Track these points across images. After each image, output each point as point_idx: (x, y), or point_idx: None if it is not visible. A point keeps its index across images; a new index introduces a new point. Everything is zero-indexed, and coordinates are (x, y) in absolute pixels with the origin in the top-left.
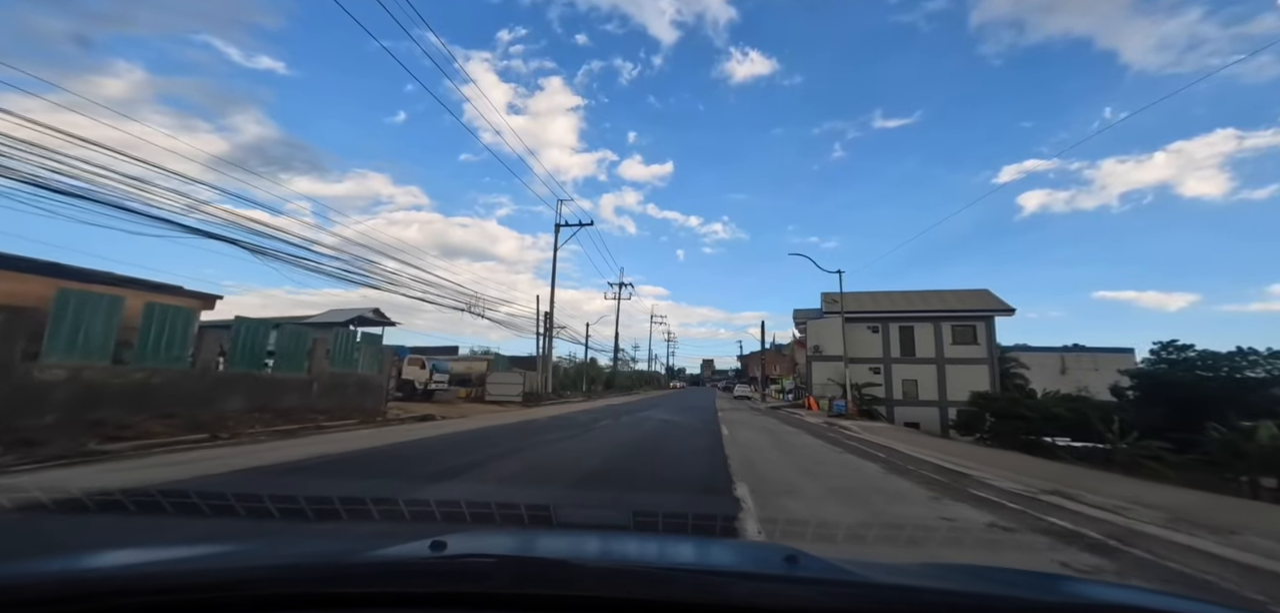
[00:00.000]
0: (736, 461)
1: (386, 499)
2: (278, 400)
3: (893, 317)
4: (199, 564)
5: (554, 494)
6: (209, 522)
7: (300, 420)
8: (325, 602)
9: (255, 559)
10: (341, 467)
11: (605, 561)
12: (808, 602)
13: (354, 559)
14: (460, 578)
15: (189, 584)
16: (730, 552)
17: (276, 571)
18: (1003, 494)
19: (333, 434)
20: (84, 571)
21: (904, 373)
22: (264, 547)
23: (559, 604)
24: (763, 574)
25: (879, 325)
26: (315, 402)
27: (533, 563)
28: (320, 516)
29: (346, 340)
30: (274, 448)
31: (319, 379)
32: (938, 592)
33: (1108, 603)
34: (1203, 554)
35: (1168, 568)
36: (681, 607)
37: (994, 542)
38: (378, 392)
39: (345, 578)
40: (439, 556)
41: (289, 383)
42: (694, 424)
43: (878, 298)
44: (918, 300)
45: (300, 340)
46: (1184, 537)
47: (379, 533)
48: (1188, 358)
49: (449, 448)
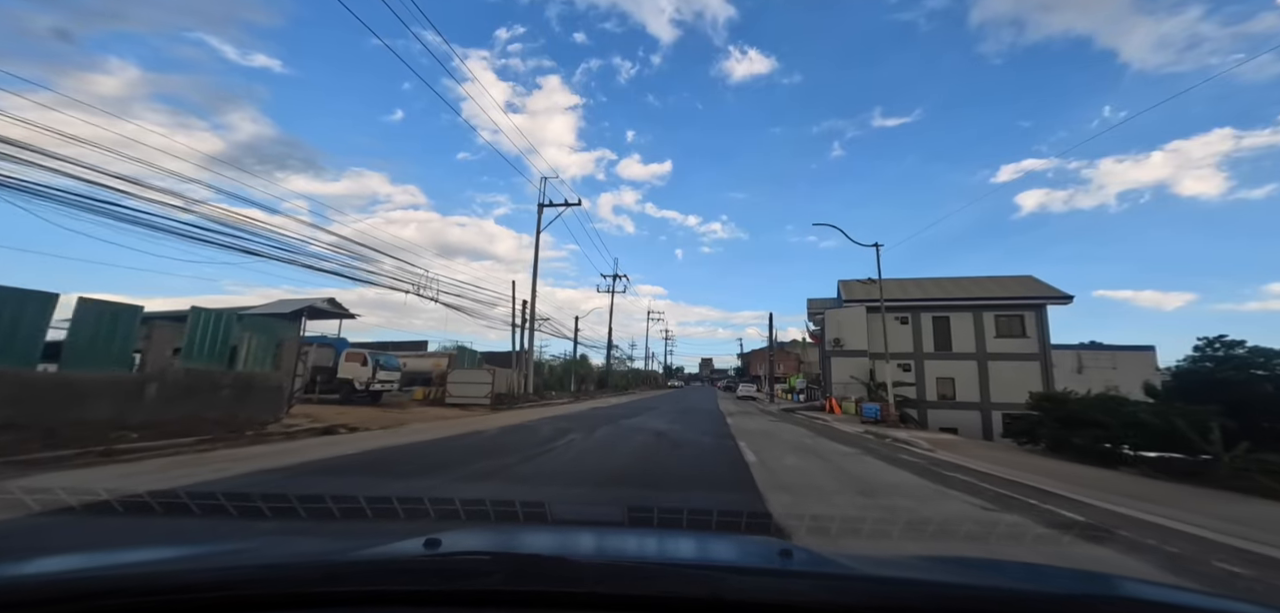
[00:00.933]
0: (803, 528)
1: None
2: (72, 412)
3: (925, 305)
4: (190, 564)
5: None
6: None
7: (103, 442)
8: (320, 601)
9: (247, 559)
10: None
11: (600, 556)
12: (802, 595)
13: (348, 558)
14: (455, 576)
15: (180, 584)
16: (725, 546)
17: (269, 570)
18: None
19: (96, 468)
20: (73, 571)
21: (939, 370)
22: (256, 546)
23: (555, 601)
24: (757, 568)
25: (909, 316)
26: (152, 413)
27: (528, 559)
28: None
29: (214, 325)
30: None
31: (159, 380)
32: (930, 583)
33: (1102, 596)
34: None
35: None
36: (677, 601)
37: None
38: (270, 396)
39: (339, 577)
40: (434, 553)
41: (96, 387)
42: (699, 441)
43: (907, 285)
44: (953, 288)
45: (120, 324)
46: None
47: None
48: (1237, 356)
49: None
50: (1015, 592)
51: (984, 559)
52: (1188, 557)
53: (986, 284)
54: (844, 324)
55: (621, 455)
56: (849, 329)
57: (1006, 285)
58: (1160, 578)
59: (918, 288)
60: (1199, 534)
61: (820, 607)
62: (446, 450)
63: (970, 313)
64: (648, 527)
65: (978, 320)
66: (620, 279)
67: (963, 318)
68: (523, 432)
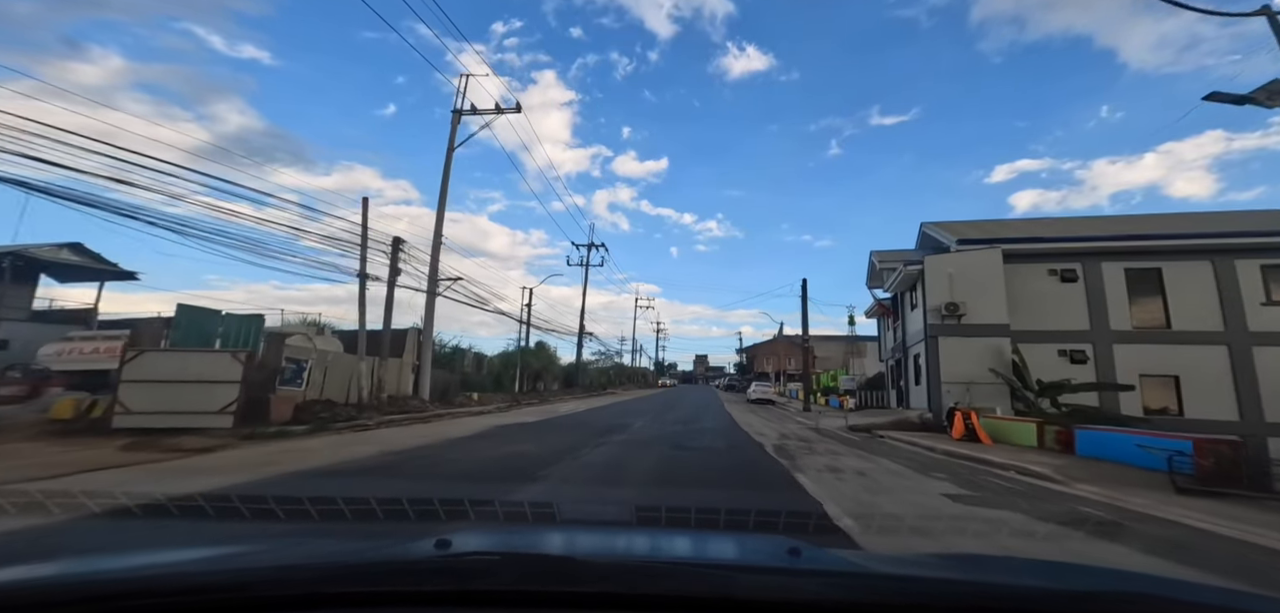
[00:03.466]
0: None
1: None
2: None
3: (1111, 249)
4: (201, 565)
5: None
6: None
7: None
8: (330, 601)
9: (259, 560)
10: None
11: (610, 556)
12: (810, 593)
13: (359, 559)
14: (467, 576)
15: (192, 586)
16: (734, 545)
17: (280, 571)
18: None
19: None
20: (84, 574)
21: (1143, 359)
22: (267, 547)
23: (565, 601)
24: (766, 567)
25: (1078, 268)
26: None
27: (538, 560)
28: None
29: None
30: None
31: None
32: (938, 581)
33: (1116, 592)
34: None
35: None
36: (686, 600)
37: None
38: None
39: (350, 577)
40: (445, 554)
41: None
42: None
43: (1070, 225)
44: (1160, 224)
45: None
46: None
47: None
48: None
49: None
50: (1027, 589)
51: (997, 556)
52: None
53: (1233, 219)
54: (963, 279)
55: None
56: (972, 288)
57: (1268, 219)
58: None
59: (1087, 228)
60: None
61: (830, 605)
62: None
63: (1207, 262)
64: (655, 526)
65: (1224, 275)
66: (598, 250)
67: (1192, 270)
68: None
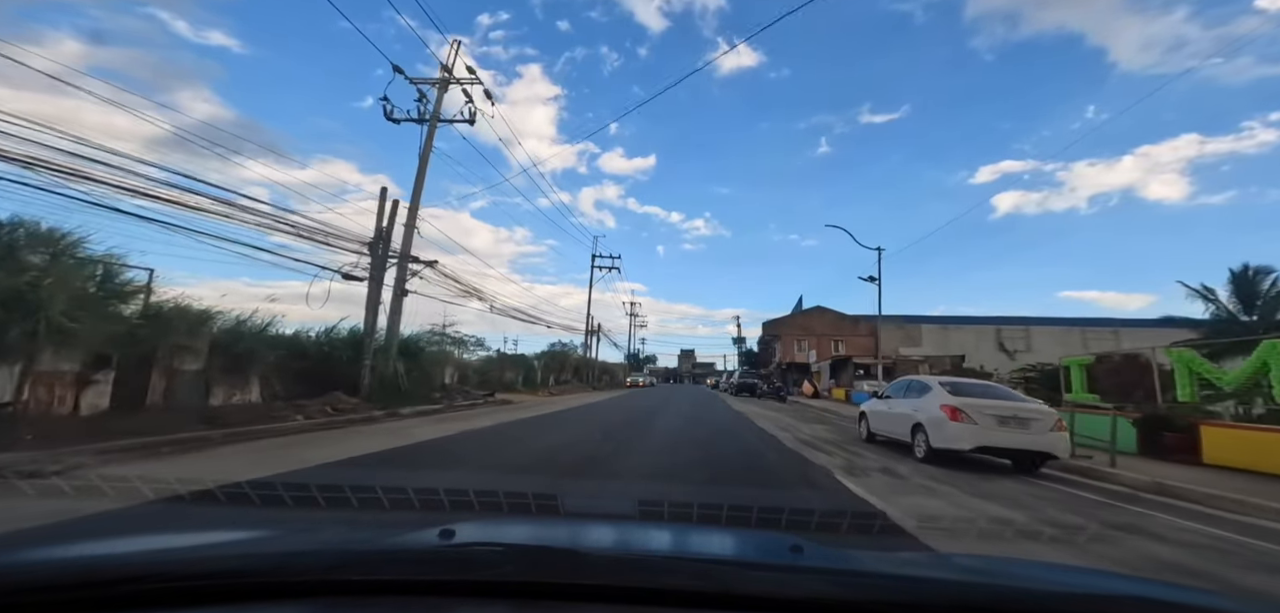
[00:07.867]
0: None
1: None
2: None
3: None
4: (206, 551)
5: None
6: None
7: None
8: (334, 589)
9: (263, 546)
10: None
11: (613, 549)
12: (813, 590)
13: (363, 547)
14: (471, 566)
15: (197, 571)
16: (737, 541)
17: (285, 558)
18: None
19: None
20: (89, 557)
21: None
22: (272, 534)
23: (568, 592)
24: (769, 563)
25: None
26: None
27: (542, 552)
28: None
29: None
30: None
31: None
32: (942, 582)
33: (1125, 596)
34: None
35: None
36: (688, 594)
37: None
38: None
39: (354, 565)
40: (449, 543)
41: None
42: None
43: None
44: None
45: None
46: None
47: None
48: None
49: None
50: (1029, 589)
51: (999, 558)
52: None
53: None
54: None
55: None
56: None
57: None
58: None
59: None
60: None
61: (832, 602)
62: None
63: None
64: (659, 520)
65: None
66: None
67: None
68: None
